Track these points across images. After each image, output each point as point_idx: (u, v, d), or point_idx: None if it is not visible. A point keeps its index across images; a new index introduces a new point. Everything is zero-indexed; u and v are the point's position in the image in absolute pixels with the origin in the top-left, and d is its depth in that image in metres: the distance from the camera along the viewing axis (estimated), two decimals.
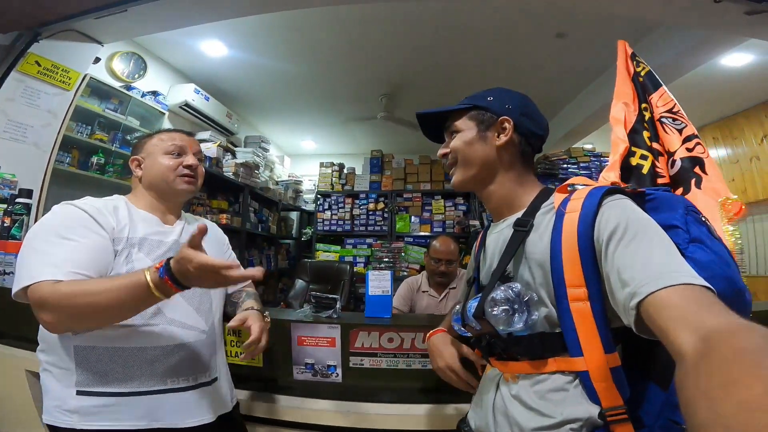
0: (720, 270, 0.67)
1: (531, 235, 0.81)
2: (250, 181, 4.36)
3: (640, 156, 1.22)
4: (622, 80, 1.35)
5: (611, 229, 0.68)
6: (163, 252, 1.09)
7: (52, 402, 0.96)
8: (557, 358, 0.75)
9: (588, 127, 4.55)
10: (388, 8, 2.97)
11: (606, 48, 3.26)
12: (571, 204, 0.76)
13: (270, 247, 5.18)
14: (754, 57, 3.26)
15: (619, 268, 0.64)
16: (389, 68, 3.94)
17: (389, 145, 5.56)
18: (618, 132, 1.25)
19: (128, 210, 1.11)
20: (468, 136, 0.92)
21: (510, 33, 3.25)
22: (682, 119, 1.24)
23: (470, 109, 0.94)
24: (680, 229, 0.71)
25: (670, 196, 0.79)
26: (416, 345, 1.36)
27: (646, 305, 0.57)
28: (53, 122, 2.38)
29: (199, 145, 1.26)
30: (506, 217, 0.92)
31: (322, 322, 1.40)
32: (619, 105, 1.29)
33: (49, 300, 0.86)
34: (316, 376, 1.39)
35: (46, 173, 2.36)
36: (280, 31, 3.31)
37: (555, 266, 0.74)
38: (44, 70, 2.27)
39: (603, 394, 0.69)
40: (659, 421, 0.69)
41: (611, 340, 0.70)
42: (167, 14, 2.25)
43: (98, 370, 0.97)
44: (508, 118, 0.90)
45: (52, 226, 0.97)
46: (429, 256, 2.54)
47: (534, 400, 0.75)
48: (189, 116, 3.93)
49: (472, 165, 0.91)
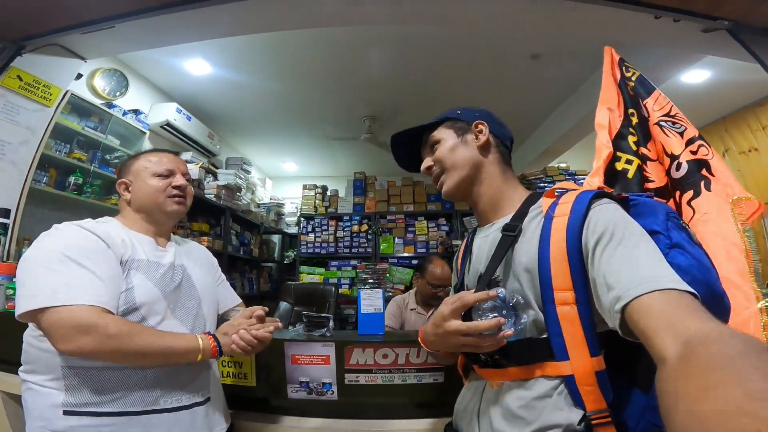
0: (700, 275, 0.69)
1: (519, 239, 0.81)
2: (232, 204, 4.31)
3: (626, 161, 1.24)
4: (607, 86, 1.37)
5: (599, 233, 0.69)
6: (162, 273, 1.08)
7: (36, 422, 0.92)
8: (543, 363, 0.75)
9: (562, 147, 4.68)
10: (370, 31, 3.04)
11: (578, 67, 3.48)
12: (560, 208, 0.77)
13: (252, 270, 5.08)
14: (711, 73, 3.44)
15: (605, 272, 0.65)
16: (371, 90, 4.00)
17: (372, 167, 5.60)
18: (602, 137, 1.27)
19: (125, 232, 1.10)
20: (449, 143, 0.96)
21: (486, 54, 3.36)
22: (681, 122, 1.25)
23: (443, 121, 1.00)
24: (661, 235, 0.73)
25: (653, 202, 0.81)
26: (411, 360, 1.35)
27: (630, 309, 0.58)
28: (32, 139, 2.31)
29: (186, 165, 1.26)
30: (493, 221, 0.93)
31: (316, 341, 1.38)
32: (604, 110, 1.31)
33: (101, 328, 0.88)
34: (311, 394, 1.36)
35: (22, 192, 2.28)
36: (264, 52, 3.34)
37: (543, 270, 0.74)
38: (25, 84, 2.21)
39: (588, 397, 0.70)
40: (641, 424, 0.70)
41: (597, 344, 0.71)
42: (154, 32, 2.25)
43: (88, 390, 0.94)
44: (482, 121, 0.96)
45: (68, 249, 0.95)
46: (426, 280, 2.50)
47: (517, 408, 0.75)
48: (170, 136, 3.87)
49: (460, 167, 0.94)
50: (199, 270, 1.22)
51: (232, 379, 1.41)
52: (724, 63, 2.80)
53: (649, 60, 2.90)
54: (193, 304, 1.12)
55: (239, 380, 1.40)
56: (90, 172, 3.00)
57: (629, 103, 1.33)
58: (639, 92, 1.34)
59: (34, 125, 2.32)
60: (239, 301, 1.37)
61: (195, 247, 1.32)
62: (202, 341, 1.00)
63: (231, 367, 1.41)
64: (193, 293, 1.14)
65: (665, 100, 1.30)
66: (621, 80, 1.37)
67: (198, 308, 1.13)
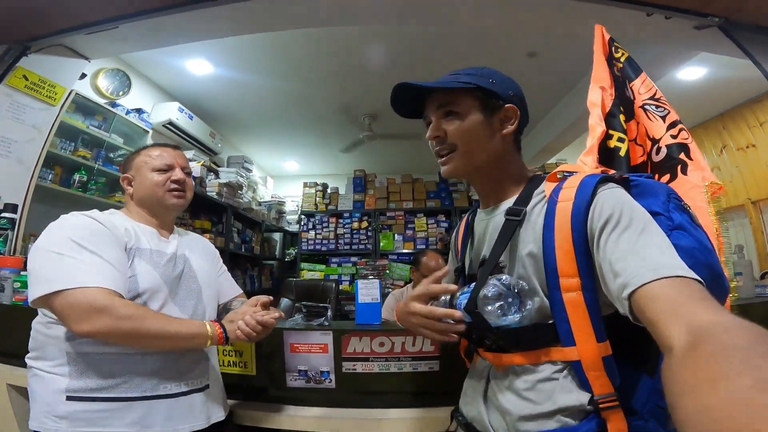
0: (702, 257, 0.68)
1: (523, 224, 0.79)
2: (233, 202, 4.35)
3: (618, 139, 1.23)
4: (599, 65, 1.35)
5: (605, 218, 0.67)
6: (165, 261, 1.12)
7: (40, 408, 0.96)
8: (549, 348, 0.74)
9: (560, 144, 4.71)
10: (369, 30, 3.08)
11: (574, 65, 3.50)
12: (564, 193, 0.75)
13: (253, 268, 5.13)
14: (707, 70, 3.45)
15: (611, 259, 0.64)
16: (371, 88, 4.02)
17: (372, 165, 5.64)
18: (595, 116, 1.26)
19: (130, 222, 1.14)
20: (471, 124, 0.83)
21: (484, 52, 3.39)
22: (664, 106, 1.24)
23: (473, 90, 0.83)
24: (663, 216, 0.72)
25: (654, 183, 0.80)
26: (406, 348, 1.37)
27: (637, 297, 0.57)
28: (38, 138, 2.36)
29: (186, 159, 1.29)
30: (496, 203, 0.89)
31: (315, 329, 1.41)
32: (596, 89, 1.30)
33: (114, 310, 0.91)
34: (309, 383, 1.39)
35: (29, 189, 2.32)
36: (265, 51, 3.38)
37: (548, 256, 0.73)
38: (31, 84, 2.26)
39: (594, 382, 0.69)
40: (647, 407, 0.70)
41: (603, 330, 0.70)
42: (157, 32, 2.29)
43: (91, 376, 0.97)
44: (515, 107, 0.86)
45: (76, 235, 0.98)
46: (421, 272, 2.56)
47: (524, 390, 0.75)
48: (172, 135, 3.91)
49: (476, 156, 0.84)
50: (201, 260, 1.25)
51: (233, 368, 1.43)
52: (719, 60, 2.80)
53: (643, 57, 2.90)
54: (193, 293, 1.16)
55: (240, 369, 1.43)
56: (94, 170, 3.05)
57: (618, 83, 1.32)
58: (627, 73, 1.33)
59: (39, 124, 2.37)
60: (240, 292, 1.41)
61: (197, 239, 1.36)
62: (209, 327, 1.04)
63: (232, 356, 1.44)
64: (193, 282, 1.18)
65: (651, 83, 1.30)
66: (608, 59, 1.36)
67: (198, 297, 1.17)
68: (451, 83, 0.84)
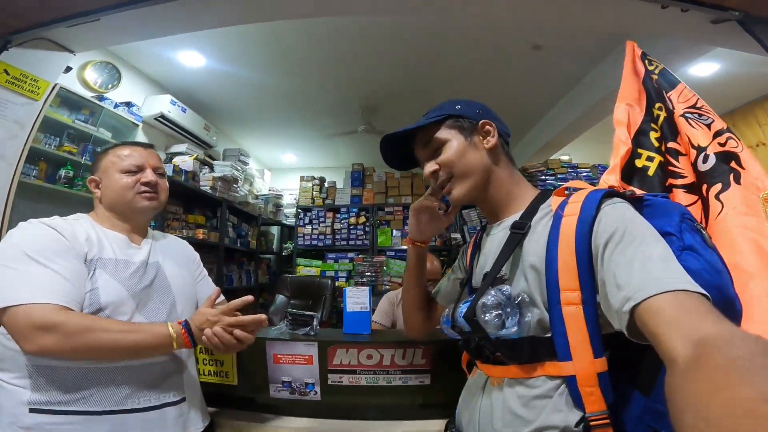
0: (711, 278, 0.67)
1: (528, 237, 0.81)
2: (229, 195, 4.29)
3: (646, 158, 1.21)
4: (627, 81, 1.33)
5: (609, 232, 0.68)
6: (131, 272, 1.05)
7: (6, 419, 0.92)
8: (545, 362, 0.74)
9: (564, 139, 4.62)
10: (368, 21, 2.98)
11: (581, 59, 3.40)
12: (569, 207, 0.75)
13: (250, 263, 5.08)
14: (720, 66, 3.34)
15: (615, 272, 0.64)
16: (370, 81, 3.95)
17: (370, 158, 5.54)
18: (620, 134, 1.23)
19: (94, 229, 1.07)
20: (457, 147, 0.90)
21: (487, 45, 3.30)
22: (708, 114, 1.21)
23: (444, 119, 0.92)
24: (674, 237, 0.71)
25: (667, 203, 0.80)
26: (396, 361, 1.33)
27: (640, 310, 0.57)
28: (20, 133, 2.27)
29: (159, 159, 1.21)
30: (503, 219, 0.92)
31: (299, 340, 1.36)
32: (622, 106, 1.28)
33: (60, 326, 0.87)
34: (293, 394, 1.35)
35: (11, 187, 2.25)
36: (260, 42, 3.29)
37: (550, 270, 0.73)
38: (12, 78, 2.17)
39: (588, 399, 0.69)
40: (639, 427, 0.69)
41: (601, 346, 0.69)
42: (142, 24, 2.19)
43: (53, 389, 0.92)
44: (488, 121, 0.91)
45: (29, 246, 0.93)
46: None
47: (518, 407, 0.75)
48: (165, 128, 3.84)
49: (471, 174, 0.90)
50: (176, 267, 1.18)
51: (213, 377, 1.39)
52: (732, 55, 2.72)
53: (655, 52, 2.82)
54: (166, 303, 1.09)
55: (221, 379, 1.39)
56: (81, 165, 2.98)
57: (655, 97, 1.29)
58: (663, 85, 1.30)
59: (22, 119, 2.28)
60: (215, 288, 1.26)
61: (174, 243, 1.29)
62: (172, 329, 0.98)
63: (212, 365, 1.40)
64: (166, 292, 1.11)
65: (690, 93, 1.26)
66: (645, 75, 1.33)
67: (171, 306, 1.10)
68: (423, 122, 0.93)
